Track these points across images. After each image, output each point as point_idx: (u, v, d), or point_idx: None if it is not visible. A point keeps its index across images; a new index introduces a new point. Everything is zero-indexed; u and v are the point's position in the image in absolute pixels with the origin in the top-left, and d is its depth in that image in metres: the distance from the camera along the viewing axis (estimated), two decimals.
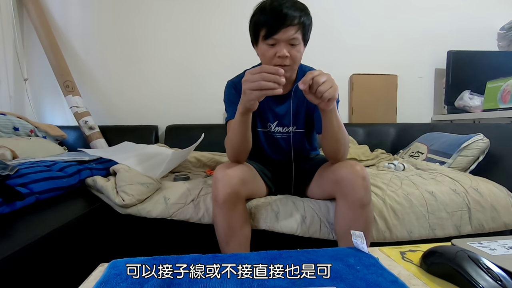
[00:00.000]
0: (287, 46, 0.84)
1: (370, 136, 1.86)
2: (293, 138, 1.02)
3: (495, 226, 1.04)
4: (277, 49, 0.84)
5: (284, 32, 0.82)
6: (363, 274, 0.46)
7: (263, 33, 0.84)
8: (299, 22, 0.82)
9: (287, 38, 0.82)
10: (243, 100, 0.75)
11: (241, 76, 1.00)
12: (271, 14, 0.82)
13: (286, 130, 1.03)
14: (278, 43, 0.84)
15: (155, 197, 1.06)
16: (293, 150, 1.01)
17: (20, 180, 0.88)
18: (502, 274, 0.41)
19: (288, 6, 0.81)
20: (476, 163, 1.26)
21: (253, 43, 0.93)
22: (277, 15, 0.81)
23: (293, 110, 0.99)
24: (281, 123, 1.02)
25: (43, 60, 1.83)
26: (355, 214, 0.81)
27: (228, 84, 1.03)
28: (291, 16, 0.80)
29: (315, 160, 1.03)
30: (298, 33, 0.83)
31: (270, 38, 0.83)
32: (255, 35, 0.89)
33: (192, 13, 1.95)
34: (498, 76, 1.62)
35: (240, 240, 0.86)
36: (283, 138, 1.04)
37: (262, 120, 1.03)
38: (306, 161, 1.07)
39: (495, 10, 2.12)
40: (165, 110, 1.98)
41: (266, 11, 0.83)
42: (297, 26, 0.82)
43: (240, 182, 0.85)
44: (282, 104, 1.01)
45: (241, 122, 0.82)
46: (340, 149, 0.86)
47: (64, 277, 0.78)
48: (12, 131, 1.48)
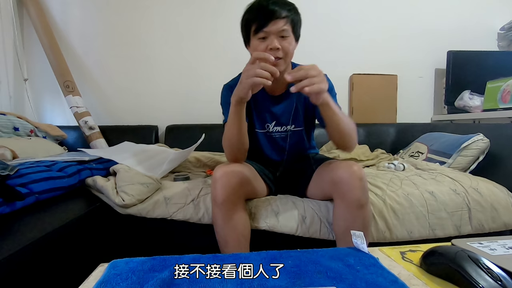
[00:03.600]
0: (278, 38, 0.86)
1: (370, 136, 1.86)
2: (291, 136, 1.03)
3: (495, 226, 1.04)
4: (268, 42, 0.86)
5: (274, 24, 0.84)
6: (363, 274, 0.46)
7: (253, 28, 0.87)
8: (287, 15, 0.85)
9: (277, 30, 0.85)
10: (237, 89, 0.78)
11: (236, 79, 1.03)
12: (260, 10, 0.86)
13: (284, 129, 1.03)
14: (268, 36, 0.86)
15: (155, 197, 1.06)
16: (291, 148, 1.02)
17: (20, 180, 0.88)
18: (502, 274, 0.41)
19: (275, 2, 0.85)
20: (476, 163, 1.26)
21: (246, 43, 0.95)
22: (265, 9, 0.84)
23: (291, 110, 1.00)
24: (279, 122, 1.03)
25: (43, 60, 1.83)
26: (353, 214, 0.81)
27: (224, 88, 1.04)
28: (278, 10, 0.84)
29: (314, 160, 1.03)
30: (288, 26, 0.86)
31: (261, 31, 0.86)
32: (246, 33, 0.92)
33: (192, 13, 1.95)
34: (498, 76, 1.62)
35: (240, 240, 0.86)
36: (281, 138, 1.05)
37: (260, 121, 1.04)
38: (305, 161, 1.07)
39: (495, 10, 2.12)
40: (165, 110, 1.98)
41: (254, 9, 0.87)
42: (285, 19, 0.85)
43: (239, 182, 0.85)
44: (279, 103, 1.01)
45: (235, 113, 0.83)
46: (345, 140, 0.87)
47: (64, 277, 0.78)
48: (12, 131, 1.48)
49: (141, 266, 0.48)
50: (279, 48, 0.85)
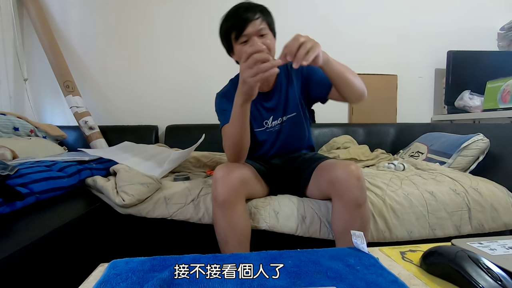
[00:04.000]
0: (259, 38, 0.90)
1: (370, 136, 1.86)
2: (286, 122, 1.06)
3: (495, 226, 1.04)
4: (251, 43, 0.89)
5: (251, 26, 0.89)
6: (363, 274, 0.46)
7: (234, 35, 0.91)
8: (260, 16, 0.90)
9: (256, 30, 0.89)
10: (244, 89, 0.78)
11: (227, 86, 1.08)
12: (235, 17, 0.91)
13: (281, 121, 1.06)
14: (250, 38, 0.90)
15: (155, 197, 1.06)
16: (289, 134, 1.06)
17: (20, 180, 0.88)
18: (502, 274, 0.41)
19: (247, 8, 0.91)
20: (476, 163, 1.26)
21: (229, 52, 0.99)
22: (240, 15, 0.90)
23: (283, 100, 1.04)
24: (276, 116, 1.06)
25: (43, 60, 1.83)
26: (351, 214, 0.81)
27: (218, 96, 1.07)
28: (252, 13, 0.89)
29: (314, 159, 1.03)
30: (264, 24, 0.91)
31: (241, 36, 0.90)
32: (228, 42, 0.95)
33: (192, 13, 1.95)
34: (498, 76, 1.62)
35: (240, 240, 0.86)
36: (280, 128, 1.07)
37: (259, 120, 1.06)
38: (305, 160, 1.07)
39: (495, 10, 2.12)
40: (165, 110, 1.98)
41: (230, 18, 0.92)
42: (260, 18, 0.90)
43: (239, 182, 0.86)
44: (272, 97, 1.05)
45: (241, 113, 0.84)
46: (355, 88, 0.88)
47: (64, 277, 0.78)
48: (12, 131, 1.48)
49: (141, 266, 0.49)
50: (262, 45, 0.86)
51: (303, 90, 1.05)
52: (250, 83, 0.75)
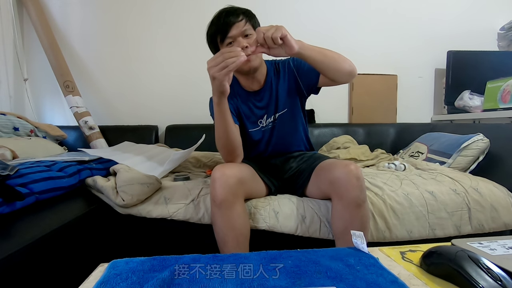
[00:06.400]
0: (244, 39, 0.92)
1: (370, 136, 1.86)
2: (280, 118, 1.06)
3: (495, 226, 1.04)
4: (236, 44, 0.91)
5: (236, 28, 0.91)
6: (363, 274, 0.46)
7: (219, 39, 0.94)
8: (243, 17, 0.93)
9: (240, 31, 0.92)
10: (215, 86, 0.81)
11: None
12: (218, 21, 0.94)
13: (273, 118, 1.07)
14: (235, 40, 0.92)
15: (155, 197, 1.06)
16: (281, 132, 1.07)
17: (20, 180, 0.88)
18: (502, 274, 0.41)
19: (229, 11, 0.93)
20: (476, 163, 1.26)
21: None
22: (223, 20, 0.92)
23: (274, 97, 1.05)
24: (269, 113, 1.07)
25: (43, 60, 1.83)
26: (351, 214, 0.81)
27: (210, 99, 1.09)
28: (234, 16, 0.92)
29: (313, 159, 1.03)
30: (248, 25, 0.93)
31: (227, 38, 0.92)
32: (215, 47, 0.98)
33: (192, 13, 1.94)
34: (498, 76, 1.62)
35: (239, 240, 0.86)
36: (274, 125, 1.08)
37: (253, 119, 1.06)
38: (304, 160, 1.07)
39: (495, 10, 2.12)
40: (165, 110, 1.98)
41: (213, 23, 0.95)
42: (243, 20, 0.93)
43: (238, 182, 0.86)
44: (264, 96, 1.06)
45: (220, 111, 0.86)
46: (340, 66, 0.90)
47: (64, 277, 0.78)
48: (12, 131, 1.48)
49: (141, 266, 0.48)
50: (247, 46, 0.86)
51: (294, 83, 1.05)
52: (219, 77, 0.77)
